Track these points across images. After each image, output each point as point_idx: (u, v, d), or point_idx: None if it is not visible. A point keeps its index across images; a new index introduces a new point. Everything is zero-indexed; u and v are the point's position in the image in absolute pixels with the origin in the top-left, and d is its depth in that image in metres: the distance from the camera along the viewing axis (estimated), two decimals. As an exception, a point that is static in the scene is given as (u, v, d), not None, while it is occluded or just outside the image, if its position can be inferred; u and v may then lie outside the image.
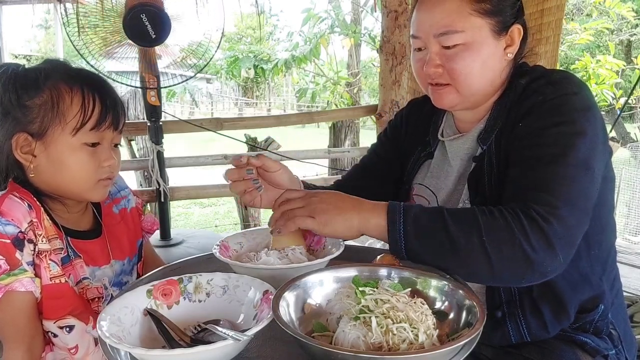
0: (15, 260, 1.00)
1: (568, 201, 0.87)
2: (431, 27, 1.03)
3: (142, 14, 2.46)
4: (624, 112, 9.50)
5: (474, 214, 0.87)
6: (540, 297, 1.00)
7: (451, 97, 1.07)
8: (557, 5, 2.12)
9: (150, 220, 1.37)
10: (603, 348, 1.04)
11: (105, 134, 1.11)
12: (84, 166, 1.08)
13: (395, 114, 1.39)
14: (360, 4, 7.26)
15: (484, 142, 1.08)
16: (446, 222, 0.86)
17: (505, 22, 1.04)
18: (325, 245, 1.12)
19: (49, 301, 1.05)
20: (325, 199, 0.93)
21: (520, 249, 0.83)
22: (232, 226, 6.41)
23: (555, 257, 0.84)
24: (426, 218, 0.88)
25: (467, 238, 0.85)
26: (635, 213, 5.37)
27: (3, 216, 1.00)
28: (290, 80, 9.11)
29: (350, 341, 0.74)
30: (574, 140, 0.92)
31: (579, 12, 8.04)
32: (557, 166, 0.90)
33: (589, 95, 0.99)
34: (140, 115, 4.68)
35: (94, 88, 1.08)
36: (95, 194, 1.13)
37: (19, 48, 22.44)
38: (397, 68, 3.52)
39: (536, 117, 0.97)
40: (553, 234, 0.84)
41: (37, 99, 1.05)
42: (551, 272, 0.86)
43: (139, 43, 2.58)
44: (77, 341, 1.09)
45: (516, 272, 0.85)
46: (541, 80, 1.02)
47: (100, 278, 1.16)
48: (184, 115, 16.10)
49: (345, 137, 6.81)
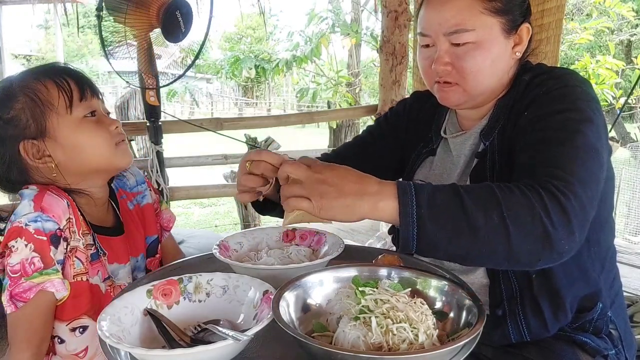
0: (50, 259, 0.99)
1: (580, 179, 0.85)
2: (441, 25, 1.02)
3: (177, 10, 2.48)
4: (623, 112, 9.49)
5: (491, 189, 0.82)
6: (540, 293, 1.00)
7: (457, 96, 1.06)
8: (558, 6, 2.12)
9: (167, 217, 1.35)
10: (603, 348, 1.04)
11: (94, 103, 1.13)
12: (97, 136, 1.10)
13: (399, 102, 1.38)
14: (361, 3, 7.26)
15: (486, 137, 1.08)
16: (462, 198, 0.80)
17: (515, 20, 1.04)
18: (325, 245, 1.12)
19: (70, 300, 1.04)
20: (326, 179, 0.83)
21: (541, 224, 0.79)
22: (232, 226, 6.41)
23: (572, 234, 0.81)
24: (440, 197, 0.81)
25: (487, 215, 0.79)
26: (635, 213, 5.37)
27: (44, 212, 0.99)
28: (290, 80, 9.09)
29: (350, 341, 0.74)
30: (581, 126, 0.91)
31: (579, 12, 8.04)
32: (567, 148, 0.89)
33: (590, 91, 0.99)
34: (140, 116, 4.68)
35: (56, 71, 1.11)
36: (121, 160, 1.14)
37: (19, 48, 22.45)
38: (397, 68, 3.52)
39: (540, 105, 0.97)
40: (571, 210, 0.80)
41: (16, 105, 1.06)
42: (567, 252, 0.82)
43: (170, 40, 2.59)
44: (87, 342, 1.08)
45: (534, 250, 0.80)
46: (544, 75, 1.03)
47: (123, 275, 1.16)
48: (184, 115, 16.11)
49: (345, 137, 6.81)
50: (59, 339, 1.07)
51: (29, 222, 0.98)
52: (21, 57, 20.85)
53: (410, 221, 0.79)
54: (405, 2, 3.41)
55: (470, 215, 0.78)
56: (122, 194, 1.25)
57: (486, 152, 1.07)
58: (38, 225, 0.98)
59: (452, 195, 0.81)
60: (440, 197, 0.81)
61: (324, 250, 1.11)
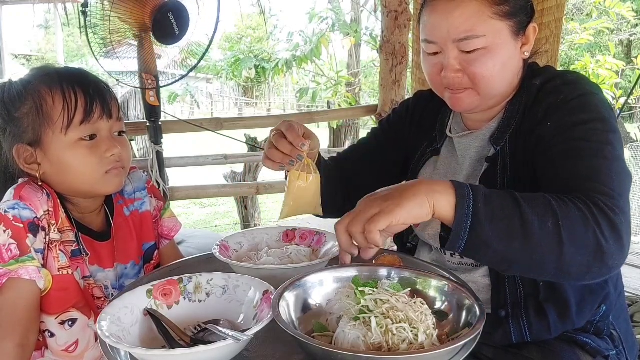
0: (25, 246, 1.00)
1: (621, 194, 0.85)
2: (450, 33, 0.99)
3: (169, 12, 2.46)
4: (623, 112, 9.49)
5: (546, 198, 0.81)
6: (547, 301, 0.99)
7: (471, 100, 1.05)
8: (557, 5, 2.12)
9: (169, 225, 1.33)
10: (604, 348, 1.04)
11: (100, 125, 1.09)
12: (86, 161, 1.08)
13: (401, 103, 1.38)
14: (361, 3, 7.26)
15: (497, 142, 1.07)
16: (519, 203, 0.79)
17: (522, 22, 1.03)
18: (325, 245, 1.12)
19: (56, 293, 1.05)
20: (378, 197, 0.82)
21: (595, 238, 0.78)
22: (232, 226, 6.40)
23: (622, 249, 0.80)
24: (497, 197, 0.80)
25: (542, 222, 0.78)
26: (635, 213, 5.36)
27: (22, 200, 1.02)
28: (290, 80, 9.08)
29: (350, 341, 0.74)
30: (608, 136, 0.91)
31: (579, 12, 8.04)
32: (601, 160, 0.89)
33: (604, 97, 1.00)
34: (140, 116, 4.68)
35: (73, 82, 1.08)
36: (107, 186, 1.13)
37: (19, 48, 22.43)
38: (397, 68, 3.51)
39: (563, 114, 0.96)
40: (621, 225, 0.80)
41: (23, 109, 1.06)
42: (616, 267, 0.82)
43: (162, 41, 2.58)
44: (77, 335, 1.09)
45: (585, 263, 0.79)
46: (557, 81, 1.02)
47: (102, 280, 1.16)
48: (184, 115, 16.10)
49: (345, 137, 6.81)
50: (49, 333, 1.07)
51: (7, 209, 1.00)
52: (21, 57, 20.83)
53: (466, 214, 0.78)
54: (405, 2, 3.40)
55: (526, 219, 0.77)
56: (119, 199, 1.24)
57: (497, 157, 1.06)
58: (16, 212, 1.00)
59: (508, 198, 0.80)
60: (497, 197, 0.80)
61: (324, 250, 1.11)
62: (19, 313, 1.01)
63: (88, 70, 1.19)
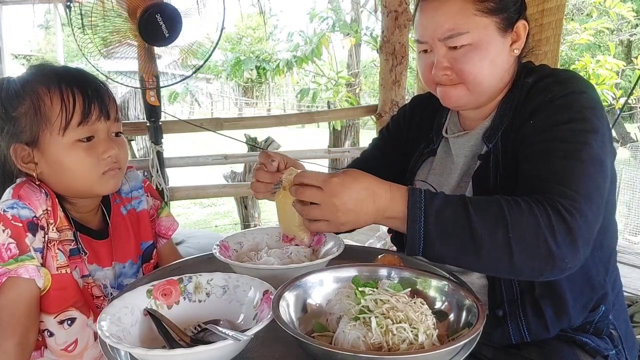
0: (25, 246, 1.00)
1: (587, 196, 0.86)
2: (436, 31, 1.02)
3: (157, 14, 2.45)
4: (623, 112, 9.49)
5: (500, 206, 0.83)
6: (542, 297, 1.00)
7: (461, 96, 1.06)
8: (558, 6, 2.12)
9: (166, 224, 1.33)
10: (603, 348, 1.04)
11: (97, 126, 1.09)
12: (83, 163, 1.08)
13: (399, 109, 1.39)
14: (361, 3, 7.26)
15: (489, 140, 1.07)
16: (470, 216, 0.82)
17: (510, 18, 1.04)
18: (325, 245, 1.12)
19: (55, 292, 1.05)
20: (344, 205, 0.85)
21: (545, 245, 0.81)
22: (232, 226, 6.41)
23: (577, 253, 0.83)
24: (450, 212, 0.84)
25: (492, 234, 0.81)
26: (635, 213, 5.37)
27: (21, 200, 1.02)
28: (290, 81, 9.10)
29: (350, 341, 0.74)
30: (587, 137, 0.92)
31: (579, 12, 8.04)
32: (573, 161, 0.90)
33: (595, 95, 1.00)
34: (140, 115, 4.68)
35: (71, 83, 1.07)
36: (103, 187, 1.13)
37: (19, 48, 22.42)
38: (397, 68, 3.52)
39: (546, 114, 0.97)
40: (577, 229, 0.82)
41: (21, 108, 1.06)
42: (570, 269, 0.84)
43: (151, 43, 2.57)
44: (77, 334, 1.09)
45: (536, 268, 0.83)
46: (548, 79, 1.02)
47: (101, 279, 1.16)
48: (184, 115, 16.09)
49: (345, 137, 6.81)
50: (48, 332, 1.07)
51: (6, 209, 1.00)
52: (21, 57, 20.82)
53: (417, 237, 0.84)
54: (405, 2, 3.41)
55: (475, 234, 0.82)
56: (117, 198, 1.25)
57: (489, 154, 1.06)
58: (14, 211, 1.01)
59: (460, 210, 0.84)
60: (450, 212, 0.84)
61: (324, 250, 1.11)
62: (19, 312, 1.01)
63: (87, 70, 1.19)
